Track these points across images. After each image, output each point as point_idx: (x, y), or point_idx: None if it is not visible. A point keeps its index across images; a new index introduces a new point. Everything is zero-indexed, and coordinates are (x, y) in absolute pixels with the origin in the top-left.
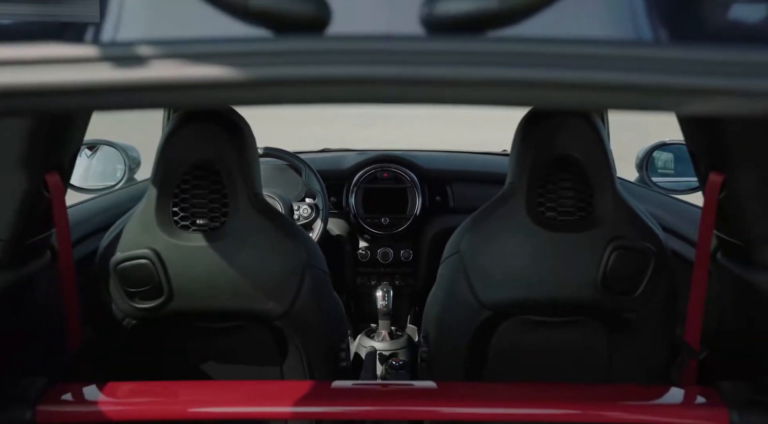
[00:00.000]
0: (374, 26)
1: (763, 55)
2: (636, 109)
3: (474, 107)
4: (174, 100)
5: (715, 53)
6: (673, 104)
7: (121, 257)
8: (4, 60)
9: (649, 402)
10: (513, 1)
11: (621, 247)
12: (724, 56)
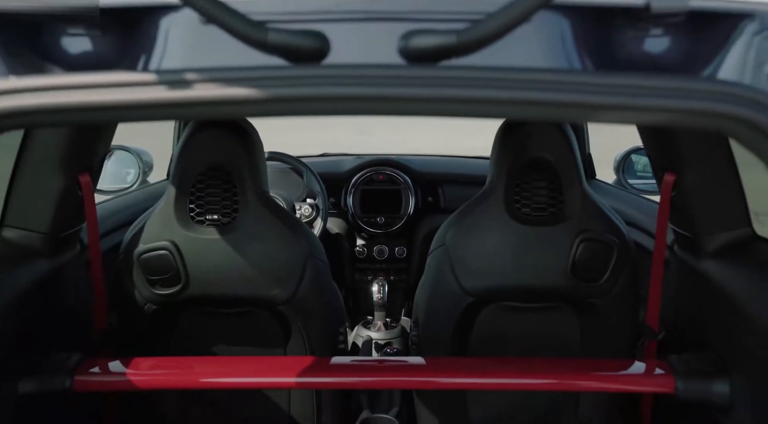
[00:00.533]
0: (362, 57)
1: (653, 81)
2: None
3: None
4: (207, 113)
5: (622, 79)
6: (590, 117)
7: (143, 249)
8: (79, 84)
9: (612, 373)
10: (466, 38)
11: (587, 239)
12: (628, 81)
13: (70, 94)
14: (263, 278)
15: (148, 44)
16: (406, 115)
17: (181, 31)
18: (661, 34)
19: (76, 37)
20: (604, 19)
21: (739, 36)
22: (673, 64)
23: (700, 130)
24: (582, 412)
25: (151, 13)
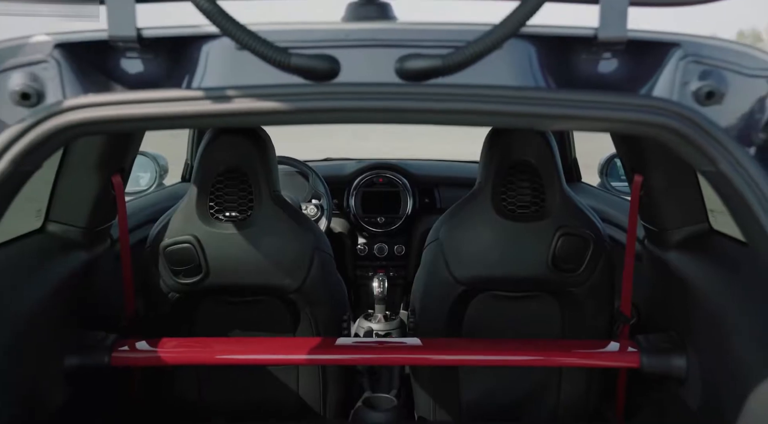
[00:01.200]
0: (366, 77)
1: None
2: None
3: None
4: (240, 122)
5: (576, 95)
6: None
7: (168, 242)
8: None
9: (588, 351)
10: (450, 62)
11: (566, 233)
12: (580, 97)
13: (129, 107)
14: (275, 269)
15: (192, 66)
16: (401, 123)
17: (218, 55)
18: (608, 58)
19: (134, 60)
20: (561, 46)
21: (668, 61)
22: (617, 82)
23: (639, 136)
24: (563, 391)
25: (195, 40)
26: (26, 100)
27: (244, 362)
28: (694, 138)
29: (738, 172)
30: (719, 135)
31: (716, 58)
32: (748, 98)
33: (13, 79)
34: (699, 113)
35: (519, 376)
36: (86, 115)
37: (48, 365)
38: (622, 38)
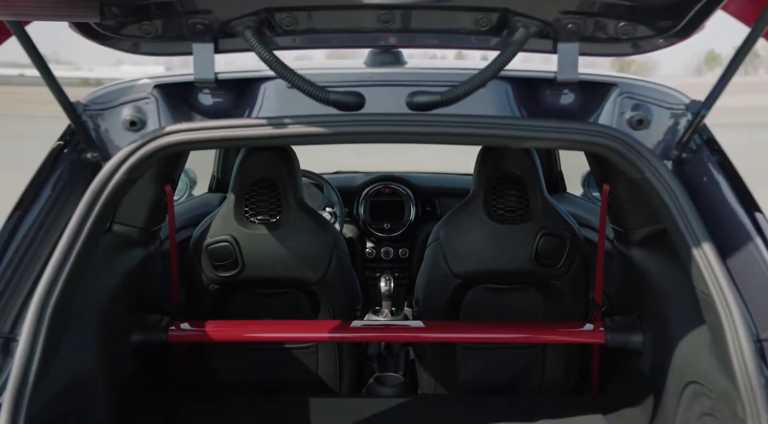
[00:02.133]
0: (384, 108)
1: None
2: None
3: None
4: (290, 142)
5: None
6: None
7: (210, 241)
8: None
9: (564, 330)
10: (446, 97)
11: (546, 233)
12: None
13: (207, 132)
14: (300, 264)
15: (254, 100)
16: (410, 143)
17: (274, 92)
18: (565, 94)
19: (211, 96)
20: (530, 85)
21: (609, 96)
22: (571, 112)
23: (589, 153)
24: (547, 370)
25: (257, 81)
26: (134, 126)
27: (272, 340)
28: (628, 154)
29: (658, 179)
30: (645, 152)
31: (645, 95)
32: (667, 125)
33: (124, 112)
34: (631, 136)
35: (509, 357)
36: (177, 138)
37: (120, 339)
38: (574, 80)
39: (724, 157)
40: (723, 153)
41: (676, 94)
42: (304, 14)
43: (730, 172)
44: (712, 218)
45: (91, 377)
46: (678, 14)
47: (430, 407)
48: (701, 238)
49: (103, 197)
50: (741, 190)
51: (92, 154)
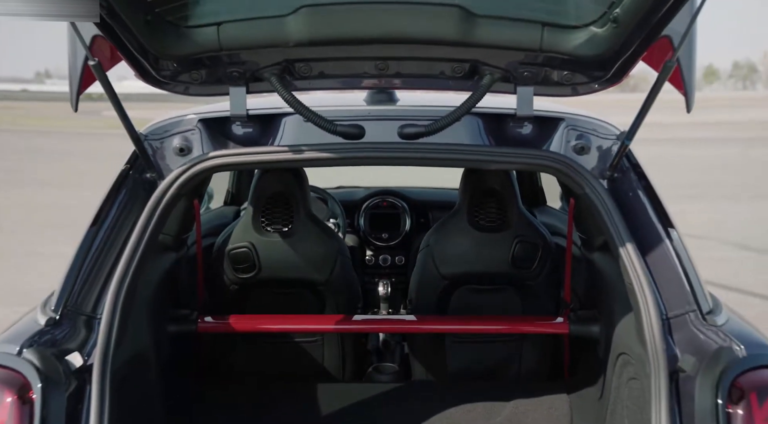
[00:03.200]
0: (380, 137)
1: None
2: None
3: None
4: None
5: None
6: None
7: (231, 247)
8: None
9: (537, 323)
10: (430, 129)
11: (521, 241)
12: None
13: (240, 157)
14: (309, 267)
15: (277, 131)
16: (401, 166)
17: (293, 124)
18: (524, 126)
19: (243, 128)
20: (495, 119)
21: (558, 128)
22: (529, 141)
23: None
24: (524, 360)
25: (279, 116)
26: (182, 152)
27: (283, 331)
28: (571, 175)
29: (595, 195)
30: (585, 173)
31: (586, 128)
32: (602, 151)
33: (175, 141)
34: (574, 161)
35: (491, 350)
36: (216, 162)
37: (160, 327)
38: (530, 115)
39: (645, 177)
40: (644, 174)
41: (609, 127)
42: (317, 64)
43: (649, 189)
44: (635, 223)
45: (146, 353)
46: (606, 67)
47: (421, 391)
48: (626, 239)
49: (160, 208)
50: (656, 203)
51: (150, 174)
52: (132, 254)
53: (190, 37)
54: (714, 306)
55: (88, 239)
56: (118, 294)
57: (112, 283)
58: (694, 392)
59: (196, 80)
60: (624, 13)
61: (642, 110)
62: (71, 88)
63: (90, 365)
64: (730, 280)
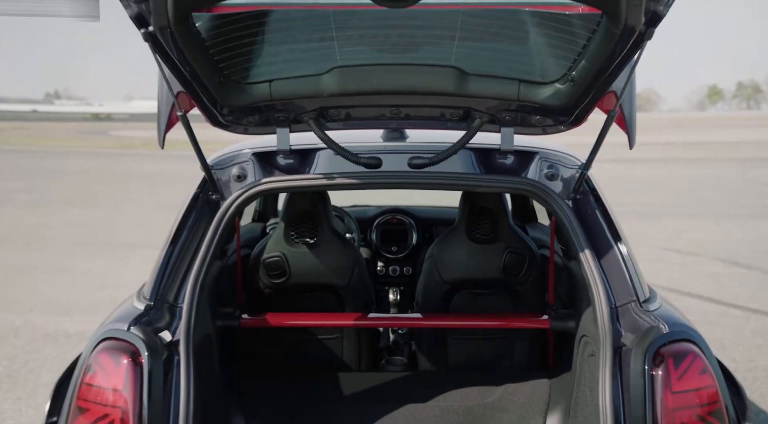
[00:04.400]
0: (393, 167)
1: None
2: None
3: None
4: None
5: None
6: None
7: (266, 256)
8: (287, 179)
9: (524, 319)
10: (434, 160)
11: (511, 252)
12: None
13: (283, 183)
14: (331, 273)
15: (312, 163)
16: (411, 189)
17: (325, 157)
18: (507, 158)
19: (286, 159)
20: (485, 152)
21: (533, 160)
22: (511, 170)
23: (522, 195)
24: (515, 354)
25: (314, 150)
26: (239, 179)
27: (309, 326)
28: (544, 197)
29: (562, 213)
30: (554, 195)
31: (555, 159)
32: (567, 178)
33: (233, 170)
34: (547, 186)
35: (486, 345)
36: (265, 187)
37: (212, 322)
38: (511, 149)
39: (600, 198)
40: (599, 196)
41: (573, 158)
42: (345, 110)
43: (603, 207)
44: (592, 235)
45: (210, 336)
46: (568, 114)
47: (426, 380)
48: (585, 247)
49: (222, 223)
50: (608, 218)
51: (215, 196)
52: (203, 259)
53: (249, 92)
54: (650, 296)
55: (170, 246)
56: (194, 289)
57: (189, 280)
58: (630, 360)
59: (252, 123)
60: (579, 75)
61: (595, 147)
62: (159, 128)
63: (176, 340)
64: (716, 293)
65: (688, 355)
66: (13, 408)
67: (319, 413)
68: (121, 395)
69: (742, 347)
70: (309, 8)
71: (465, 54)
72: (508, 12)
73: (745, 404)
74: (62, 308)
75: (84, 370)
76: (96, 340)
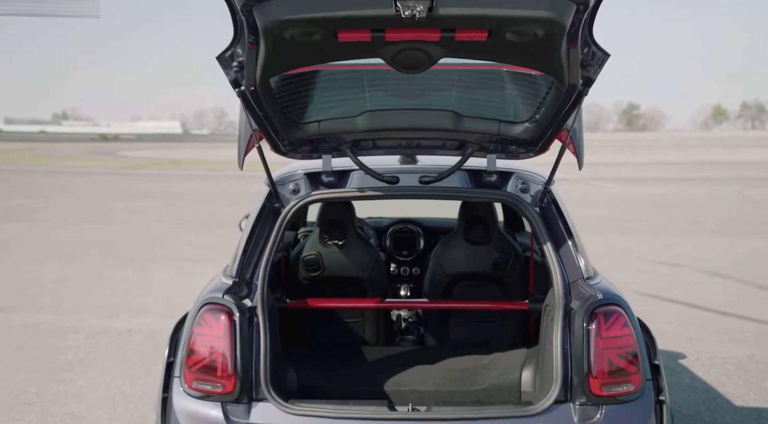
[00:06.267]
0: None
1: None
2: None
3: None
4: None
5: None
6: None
7: (304, 255)
8: (330, 192)
9: (511, 303)
10: (437, 179)
11: (499, 251)
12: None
13: (326, 194)
14: (356, 268)
15: (347, 179)
16: (421, 199)
17: (358, 176)
18: (492, 177)
19: (328, 177)
20: (475, 172)
21: (511, 177)
22: (495, 185)
23: (512, 209)
24: (504, 335)
25: (350, 171)
26: (294, 193)
27: (338, 308)
28: (519, 206)
29: (533, 217)
30: (526, 205)
31: (526, 177)
32: (535, 191)
33: (290, 185)
34: (521, 197)
35: (481, 327)
36: (314, 198)
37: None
38: (495, 170)
39: (559, 207)
40: (558, 205)
41: (539, 176)
42: (372, 141)
43: (561, 214)
44: (552, 234)
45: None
46: (535, 144)
47: (431, 352)
48: (548, 242)
49: (282, 227)
50: (565, 222)
51: (277, 205)
52: (270, 252)
53: (304, 129)
54: (593, 275)
55: (247, 241)
56: (265, 271)
57: (260, 265)
58: (575, 318)
59: (305, 151)
60: (541, 117)
61: (553, 168)
62: (239, 153)
63: (253, 306)
64: (694, 299)
65: (614, 314)
66: (88, 385)
67: (348, 372)
68: (221, 340)
69: (707, 341)
70: (347, 68)
71: (459, 101)
72: (491, 71)
73: (656, 348)
74: (109, 311)
75: (193, 324)
76: (200, 303)
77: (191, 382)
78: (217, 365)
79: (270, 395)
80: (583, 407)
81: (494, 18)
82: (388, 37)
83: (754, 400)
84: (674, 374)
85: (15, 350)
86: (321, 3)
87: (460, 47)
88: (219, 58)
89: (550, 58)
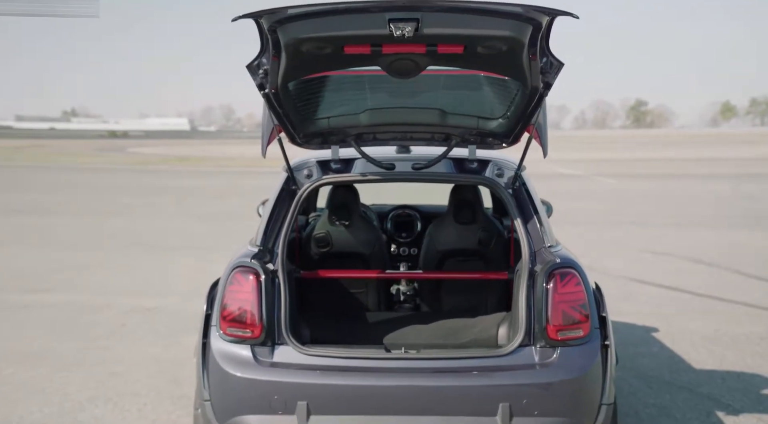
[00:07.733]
0: (402, 168)
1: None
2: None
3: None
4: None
5: (467, 174)
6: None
7: (315, 233)
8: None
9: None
10: (428, 165)
11: (483, 230)
12: (464, 175)
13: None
14: (360, 245)
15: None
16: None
17: (360, 162)
18: (473, 163)
19: (336, 164)
20: (459, 160)
21: (488, 165)
22: (475, 171)
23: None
24: (488, 303)
25: (354, 159)
26: (308, 177)
27: (345, 278)
28: (495, 188)
29: (506, 197)
30: (501, 187)
31: (501, 164)
32: (508, 176)
33: (305, 171)
34: (496, 181)
35: (468, 297)
36: (325, 181)
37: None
38: (475, 158)
39: (528, 190)
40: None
41: (512, 163)
42: (373, 134)
43: (530, 195)
44: (522, 211)
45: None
46: (508, 137)
47: (426, 316)
48: (518, 217)
49: (298, 206)
50: (533, 202)
51: (294, 187)
52: (288, 225)
53: (317, 124)
54: (555, 244)
55: (269, 217)
56: (284, 241)
57: (281, 236)
58: (537, 278)
59: (317, 142)
60: (512, 114)
61: (522, 156)
62: (263, 143)
63: (275, 270)
64: (674, 283)
65: (568, 274)
66: (125, 351)
67: (353, 329)
68: (249, 295)
69: (680, 318)
70: (352, 74)
71: (445, 101)
72: (470, 76)
73: (604, 303)
74: (135, 292)
75: (226, 283)
76: (232, 266)
77: (225, 329)
78: (247, 316)
79: (289, 339)
80: (543, 349)
81: (467, 36)
82: (384, 50)
83: (712, 364)
84: (646, 344)
85: (56, 323)
86: (331, 24)
87: (441, 58)
88: (248, 67)
89: (515, 66)
